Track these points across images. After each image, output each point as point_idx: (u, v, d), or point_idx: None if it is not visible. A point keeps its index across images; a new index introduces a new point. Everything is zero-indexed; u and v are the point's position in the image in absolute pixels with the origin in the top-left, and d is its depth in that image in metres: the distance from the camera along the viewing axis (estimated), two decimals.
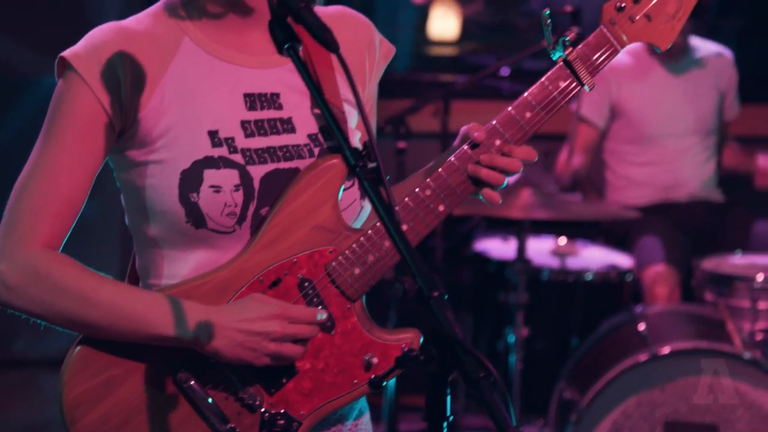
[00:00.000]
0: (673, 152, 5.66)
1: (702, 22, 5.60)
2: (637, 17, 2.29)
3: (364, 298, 2.26)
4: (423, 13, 9.06)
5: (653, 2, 2.30)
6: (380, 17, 9.15)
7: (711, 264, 5.17)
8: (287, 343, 2.15)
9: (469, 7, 9.01)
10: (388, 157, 5.32)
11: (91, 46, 2.16)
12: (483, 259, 5.30)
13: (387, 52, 2.39)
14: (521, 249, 4.86)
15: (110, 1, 5.72)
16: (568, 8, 4.50)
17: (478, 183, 2.23)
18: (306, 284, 2.20)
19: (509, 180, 2.27)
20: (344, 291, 2.22)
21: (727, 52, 5.82)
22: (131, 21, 2.22)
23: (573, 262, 5.30)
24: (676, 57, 5.66)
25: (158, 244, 2.22)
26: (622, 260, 5.33)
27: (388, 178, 1.92)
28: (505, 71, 6.15)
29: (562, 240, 5.52)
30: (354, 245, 2.21)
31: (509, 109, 2.25)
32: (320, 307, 2.21)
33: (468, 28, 8.60)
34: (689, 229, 5.62)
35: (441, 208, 2.22)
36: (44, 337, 4.32)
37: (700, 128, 5.69)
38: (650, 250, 5.44)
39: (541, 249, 5.37)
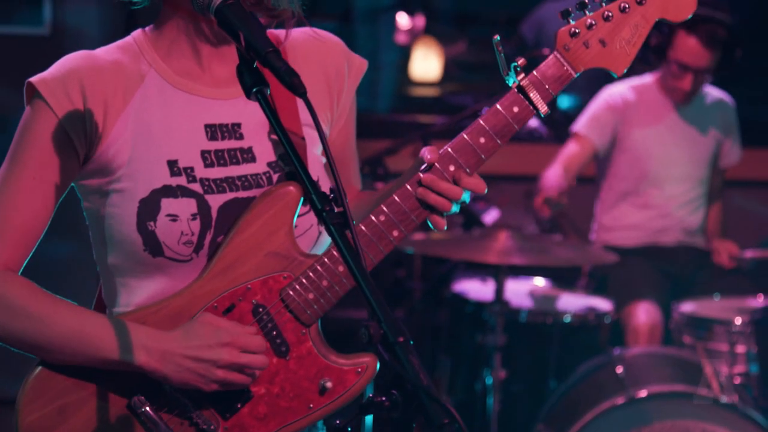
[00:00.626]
0: (668, 196, 5.62)
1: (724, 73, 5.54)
2: (592, 43, 2.29)
3: (319, 322, 2.28)
4: (405, 54, 9.09)
5: (607, 28, 2.29)
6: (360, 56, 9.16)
7: (689, 307, 5.17)
8: (235, 371, 2.17)
9: (451, 48, 9.05)
10: None
11: (59, 73, 2.18)
12: (461, 300, 5.29)
13: (359, 67, 2.42)
14: (499, 291, 4.85)
15: (89, 44, 5.74)
16: (546, 51, 4.50)
17: (427, 207, 2.24)
18: (260, 310, 2.23)
19: (487, 219, 2.28)
20: (299, 316, 2.24)
21: (728, 99, 5.77)
22: (101, 51, 2.25)
23: (551, 304, 5.29)
24: (689, 101, 5.61)
25: (118, 273, 2.25)
26: (601, 303, 5.33)
27: (354, 222, 1.93)
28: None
29: (540, 282, 5.51)
30: (308, 271, 2.23)
31: (463, 134, 2.26)
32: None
33: (450, 69, 8.64)
34: (671, 273, 5.60)
35: (395, 233, 2.24)
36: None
37: (696, 175, 5.65)
38: (634, 288, 5.42)
39: (519, 290, 5.36)
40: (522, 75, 2.26)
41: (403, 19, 9.34)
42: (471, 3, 10.41)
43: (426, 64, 8.71)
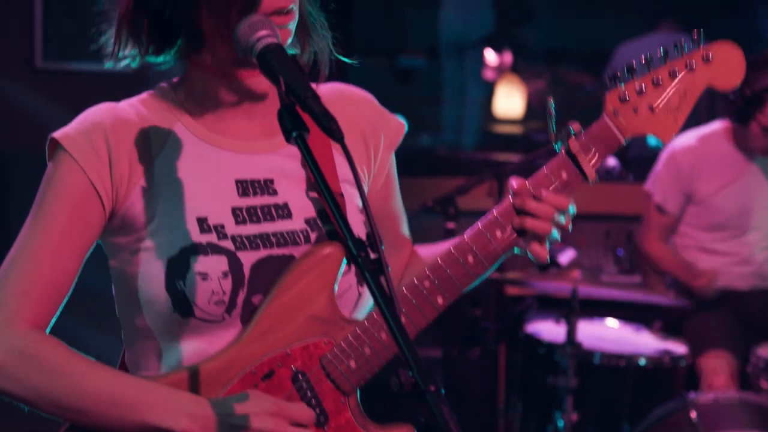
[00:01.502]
0: (744, 244, 5.53)
1: None
2: (641, 109, 2.24)
3: (358, 391, 2.19)
4: (492, 91, 9.09)
5: (656, 93, 2.24)
6: (448, 93, 9.18)
7: (767, 351, 5.07)
8: None
9: (534, 84, 9.02)
10: (436, 238, 5.32)
11: (83, 127, 2.12)
12: (534, 341, 5.23)
13: (397, 130, 2.37)
14: (571, 332, 4.80)
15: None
16: None
17: (523, 233, 2.19)
18: (300, 377, 2.14)
19: (562, 259, 2.23)
20: (339, 385, 2.15)
21: None
22: (125, 104, 2.19)
23: (625, 346, 5.22)
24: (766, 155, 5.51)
25: (147, 335, 2.16)
26: (676, 346, 5.24)
27: (389, 269, 1.91)
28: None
29: (614, 323, 5.44)
30: (350, 337, 2.15)
31: (510, 200, 2.21)
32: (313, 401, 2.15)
33: (533, 105, 8.61)
34: (747, 318, 5.50)
35: (440, 300, 2.18)
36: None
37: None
38: (708, 336, 5.34)
39: (592, 332, 5.30)
40: (573, 139, 2.20)
41: (490, 56, 9.34)
42: (559, 39, 10.39)
43: (509, 101, 8.69)
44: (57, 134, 2.12)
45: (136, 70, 2.22)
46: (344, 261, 2.14)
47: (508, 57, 9.57)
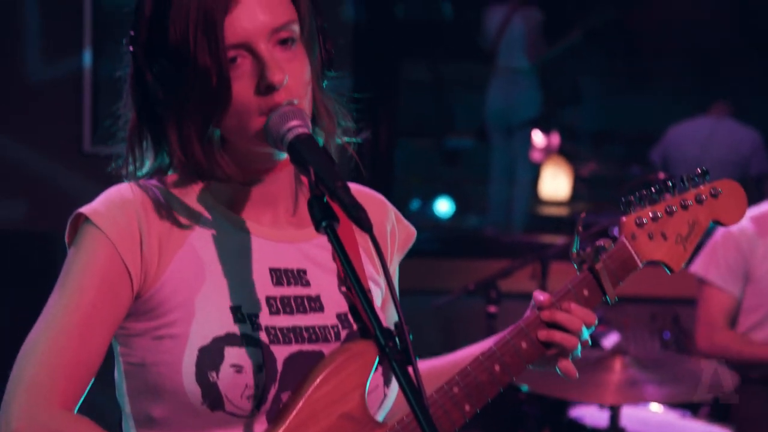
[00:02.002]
0: None
1: None
2: (655, 235, 2.29)
3: None
4: (536, 172, 9.10)
5: (669, 222, 2.30)
6: (495, 173, 9.20)
7: None
8: None
9: (581, 166, 9.02)
10: (477, 321, 5.30)
11: (111, 202, 2.05)
12: (577, 427, 5.17)
13: (408, 236, 2.33)
14: (614, 417, 4.74)
15: None
16: (661, 175, 4.45)
17: (549, 346, 2.18)
18: None
19: (606, 343, 2.20)
20: None
21: None
22: (152, 184, 2.11)
23: None
24: None
25: (165, 426, 2.06)
26: None
27: (417, 359, 1.90)
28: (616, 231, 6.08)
29: (658, 408, 5.37)
30: None
31: (536, 312, 2.21)
32: None
33: (579, 187, 8.61)
34: None
35: (467, 407, 2.14)
36: None
37: None
38: (759, 419, 5.25)
39: (636, 417, 5.23)
40: (597, 258, 2.23)
41: (537, 137, 9.37)
42: (606, 120, 10.41)
43: (555, 182, 8.69)
44: (84, 209, 2.05)
45: None
46: (377, 360, 2.08)
47: (555, 138, 9.59)
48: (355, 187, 2.19)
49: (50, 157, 6.40)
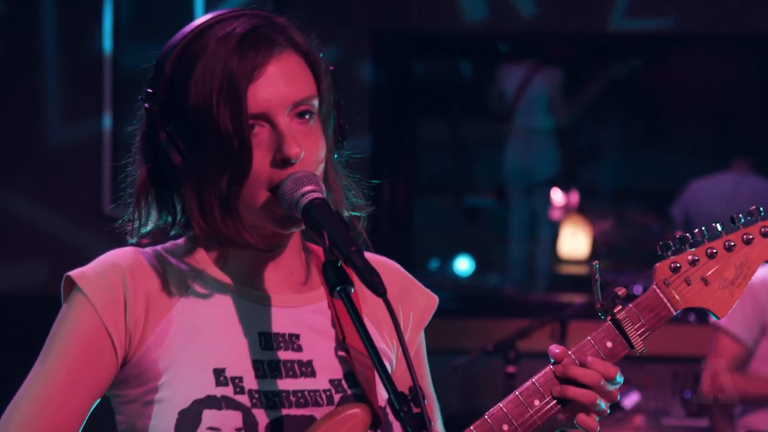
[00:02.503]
0: None
1: None
2: (693, 280, 2.16)
3: None
4: (555, 231, 9.09)
5: (711, 265, 2.16)
6: (515, 232, 9.21)
7: None
8: None
9: (600, 224, 9.02)
10: (497, 381, 5.28)
11: (100, 267, 2.03)
12: None
13: (427, 306, 2.26)
14: None
15: None
16: (678, 233, 4.43)
17: (565, 403, 2.08)
18: None
19: (626, 402, 2.13)
20: None
21: None
22: (150, 249, 2.09)
23: None
24: None
25: None
26: None
27: (432, 424, 1.88)
28: (637, 289, 6.06)
29: None
30: None
31: (551, 367, 2.11)
32: None
33: (598, 246, 8.60)
34: None
35: None
36: None
37: None
38: None
39: None
40: (619, 307, 2.13)
41: (557, 196, 9.37)
42: (625, 178, 10.41)
43: (574, 241, 8.69)
44: (73, 273, 2.03)
45: None
46: (370, 424, 2.03)
47: (574, 197, 9.58)
48: (370, 257, 2.12)
49: (70, 219, 6.44)
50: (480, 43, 8.83)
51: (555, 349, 2.11)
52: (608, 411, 2.12)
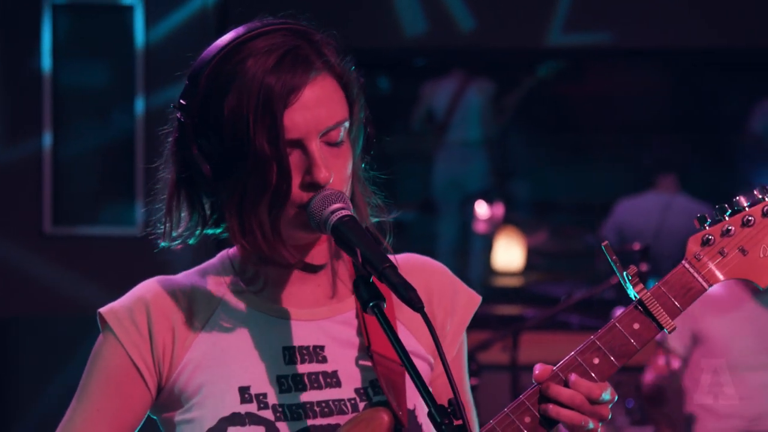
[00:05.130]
0: (758, 385, 5.49)
1: None
2: (729, 250, 2.06)
3: None
4: (486, 244, 9.13)
5: (747, 234, 2.07)
6: (443, 245, 9.24)
7: None
8: None
9: (532, 237, 9.09)
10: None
11: (128, 302, 2.10)
12: None
13: (469, 302, 2.25)
14: None
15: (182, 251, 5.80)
16: (636, 246, 4.49)
17: (551, 424, 2.05)
18: None
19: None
20: None
21: None
22: (180, 276, 2.16)
23: None
24: None
25: None
26: None
27: None
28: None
29: None
30: None
31: (574, 354, 2.05)
32: None
33: (531, 258, 8.66)
34: None
35: None
36: None
37: None
38: None
39: None
40: (641, 286, 2.05)
41: (481, 209, 9.41)
42: (547, 191, 10.51)
43: (508, 253, 8.74)
44: (103, 309, 2.10)
45: (144, 235, 2.19)
46: (392, 428, 2.03)
47: (499, 209, 9.64)
48: (409, 257, 2.23)
49: (11, 240, 6.34)
50: (408, 58, 8.85)
51: (536, 369, 2.06)
52: (598, 430, 2.04)
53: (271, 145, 1.96)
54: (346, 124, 2.04)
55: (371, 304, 1.91)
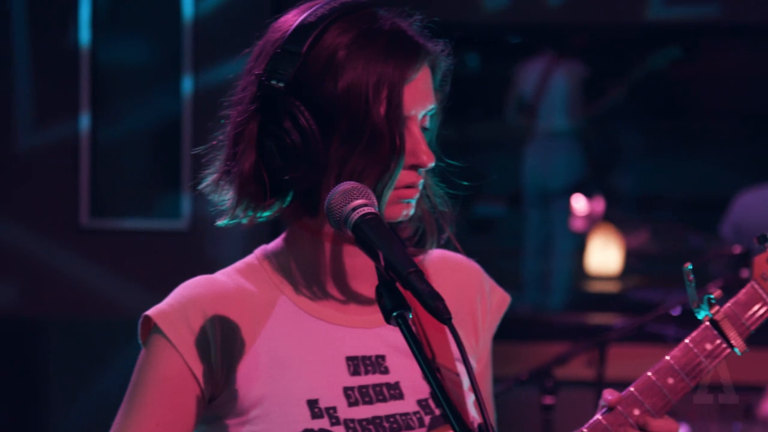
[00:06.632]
0: None
1: None
2: None
3: None
4: (581, 243, 9.05)
5: None
6: (531, 244, 9.18)
7: None
8: None
9: (632, 237, 8.98)
10: (532, 414, 5.21)
11: (179, 304, 2.15)
12: None
13: (501, 302, 2.37)
14: None
15: (230, 240, 5.84)
16: (737, 249, 4.40)
17: None
18: None
19: None
20: None
21: None
22: (221, 275, 2.22)
23: None
24: None
25: None
26: None
27: None
28: (677, 311, 6.01)
29: None
30: None
31: (649, 373, 2.20)
32: None
33: (631, 260, 8.56)
34: None
35: None
36: None
37: None
38: None
39: None
40: (716, 308, 2.18)
41: (579, 204, 9.34)
42: (654, 185, 10.39)
43: (604, 255, 8.65)
44: (152, 312, 2.14)
45: (190, 229, 2.23)
46: None
47: (599, 205, 9.56)
48: (443, 254, 2.35)
49: (43, 234, 6.39)
50: (496, 35, 8.79)
51: (608, 395, 2.19)
52: None
53: (391, 122, 2.09)
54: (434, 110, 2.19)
55: (395, 314, 1.92)
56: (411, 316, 1.93)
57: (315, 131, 2.09)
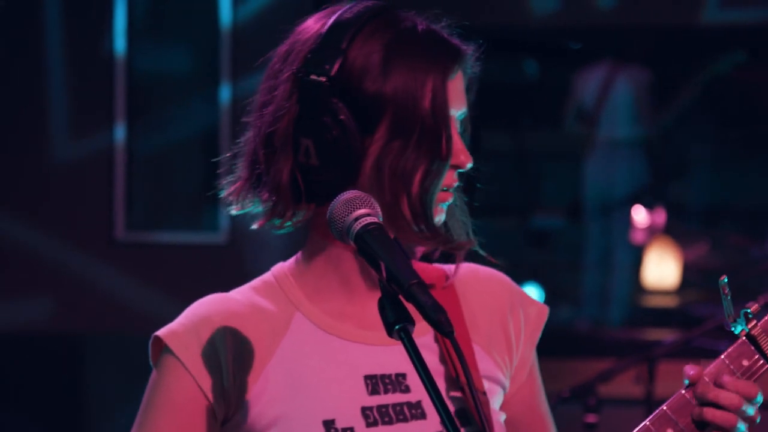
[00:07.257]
0: None
1: None
2: None
3: None
4: (637, 256, 9.01)
5: None
6: (591, 258, 9.16)
7: None
8: None
9: (691, 249, 8.94)
10: None
11: (191, 323, 2.16)
12: None
13: (539, 315, 2.33)
14: None
15: (269, 254, 5.86)
16: None
17: (702, 427, 2.16)
18: None
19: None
20: None
21: None
22: (236, 293, 2.21)
23: None
24: None
25: None
26: None
27: None
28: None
29: None
30: None
31: (682, 391, 2.18)
32: None
33: (690, 274, 8.52)
34: None
35: None
36: None
37: None
38: None
39: None
40: (754, 322, 2.17)
41: (639, 215, 9.30)
42: (718, 195, 10.34)
43: (661, 268, 8.62)
44: (162, 332, 2.15)
45: (229, 242, 2.21)
46: None
47: (660, 217, 9.51)
48: (472, 268, 2.33)
49: (78, 247, 6.45)
50: (550, 40, 8.78)
51: (690, 369, 2.17)
52: None
53: (441, 119, 2.13)
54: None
55: (397, 327, 1.92)
56: (413, 329, 1.92)
57: (355, 128, 2.10)
